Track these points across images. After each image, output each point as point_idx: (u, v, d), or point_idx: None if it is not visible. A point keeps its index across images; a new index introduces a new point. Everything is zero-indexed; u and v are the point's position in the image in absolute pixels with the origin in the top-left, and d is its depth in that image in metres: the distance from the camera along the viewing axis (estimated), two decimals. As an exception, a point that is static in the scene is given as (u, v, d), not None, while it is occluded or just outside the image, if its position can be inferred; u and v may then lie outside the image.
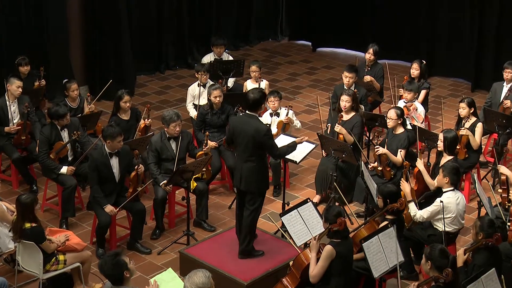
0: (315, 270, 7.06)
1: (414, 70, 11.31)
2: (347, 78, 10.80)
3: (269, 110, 10.36)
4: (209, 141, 9.59)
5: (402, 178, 8.54)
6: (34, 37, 12.21)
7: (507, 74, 10.91)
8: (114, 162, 8.61)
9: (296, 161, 9.02)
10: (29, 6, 12.13)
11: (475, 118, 10.04)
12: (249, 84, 11.34)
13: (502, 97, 10.90)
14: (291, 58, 15.78)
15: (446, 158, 8.92)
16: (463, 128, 9.88)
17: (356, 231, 7.82)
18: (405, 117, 9.70)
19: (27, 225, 7.50)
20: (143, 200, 9.27)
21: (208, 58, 12.29)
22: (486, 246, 7.04)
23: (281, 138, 9.04)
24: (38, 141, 9.37)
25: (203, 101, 10.86)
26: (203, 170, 9.19)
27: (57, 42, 12.44)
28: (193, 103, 11.14)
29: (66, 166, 9.17)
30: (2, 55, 11.82)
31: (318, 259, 7.08)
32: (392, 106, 10.20)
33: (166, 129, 9.14)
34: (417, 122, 10.19)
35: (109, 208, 8.53)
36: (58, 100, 10.26)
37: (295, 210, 7.94)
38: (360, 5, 15.32)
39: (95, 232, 8.70)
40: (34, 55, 11.42)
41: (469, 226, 8.73)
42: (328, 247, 7.06)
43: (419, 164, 8.85)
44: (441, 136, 9.05)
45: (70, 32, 12.63)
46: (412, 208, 8.16)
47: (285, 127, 10.19)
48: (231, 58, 12.54)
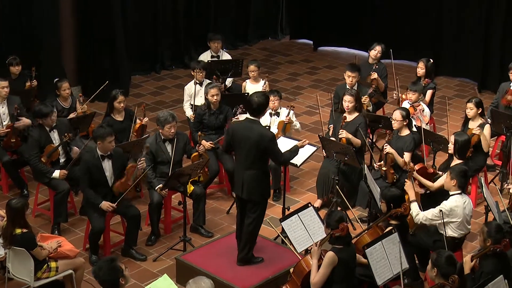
0: (317, 278, 7.04)
1: (420, 69, 11.28)
2: (350, 78, 10.78)
3: (268, 110, 10.32)
4: (203, 141, 9.56)
5: (406, 179, 8.51)
6: (26, 36, 12.18)
7: None
8: (107, 165, 8.58)
9: (296, 164, 8.98)
10: (20, 6, 12.11)
11: (482, 120, 10.01)
12: (248, 84, 11.32)
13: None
14: (292, 57, 15.77)
15: (455, 162, 8.89)
16: (477, 127, 9.82)
17: (359, 237, 7.81)
18: (410, 117, 9.67)
19: (18, 231, 7.49)
20: (138, 205, 9.26)
21: (205, 57, 12.27)
22: (494, 252, 7.03)
23: (281, 141, 9.00)
24: (27, 144, 9.34)
25: (200, 100, 10.85)
26: (200, 172, 9.17)
27: (48, 41, 12.41)
28: (190, 103, 11.12)
29: (59, 170, 9.15)
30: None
31: (319, 266, 7.07)
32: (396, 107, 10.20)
33: (161, 130, 9.13)
34: (422, 123, 10.17)
35: (105, 204, 8.47)
36: (50, 100, 10.23)
37: (296, 215, 7.93)
38: (362, 1, 15.28)
39: (88, 238, 8.68)
40: (25, 55, 11.40)
41: (476, 231, 8.71)
42: (330, 254, 7.05)
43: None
44: (452, 138, 9.01)
45: (62, 31, 12.62)
46: (414, 208, 8.11)
47: (285, 128, 10.15)
48: (229, 56, 12.51)
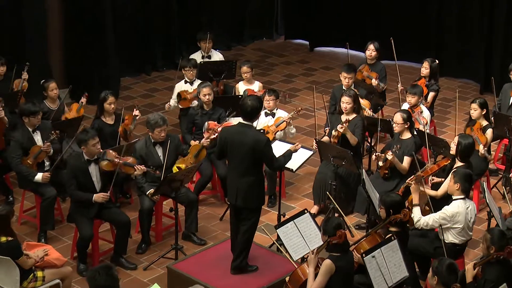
0: (313, 286, 7.02)
1: (424, 69, 11.24)
2: (346, 79, 10.77)
3: (264, 110, 10.27)
4: (192, 141, 9.59)
5: (410, 180, 8.48)
6: (11, 37, 12.13)
7: None
8: (93, 170, 8.53)
9: (292, 169, 8.97)
10: (5, 5, 12.06)
11: (486, 122, 10.00)
12: (240, 86, 11.27)
13: (511, 101, 10.90)
14: (287, 58, 15.77)
15: (457, 164, 8.88)
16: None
17: (357, 244, 7.78)
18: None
19: (3, 239, 7.45)
20: (128, 211, 9.23)
21: (195, 57, 12.09)
22: (497, 259, 7.02)
23: (275, 145, 8.96)
24: (10, 145, 9.29)
25: None
26: (192, 177, 9.16)
27: (35, 42, 12.38)
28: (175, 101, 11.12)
29: (41, 173, 9.08)
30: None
31: (316, 275, 7.05)
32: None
33: (150, 134, 9.10)
34: (421, 124, 10.12)
35: (98, 196, 8.40)
36: (38, 101, 10.19)
37: (292, 222, 7.89)
38: (361, 1, 15.30)
39: (76, 246, 8.65)
40: (11, 56, 11.35)
41: (478, 238, 8.69)
42: (327, 262, 7.03)
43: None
44: (456, 139, 8.99)
45: (49, 31, 12.60)
46: (416, 212, 8.09)
47: (281, 125, 10.05)
48: (221, 56, 12.47)
